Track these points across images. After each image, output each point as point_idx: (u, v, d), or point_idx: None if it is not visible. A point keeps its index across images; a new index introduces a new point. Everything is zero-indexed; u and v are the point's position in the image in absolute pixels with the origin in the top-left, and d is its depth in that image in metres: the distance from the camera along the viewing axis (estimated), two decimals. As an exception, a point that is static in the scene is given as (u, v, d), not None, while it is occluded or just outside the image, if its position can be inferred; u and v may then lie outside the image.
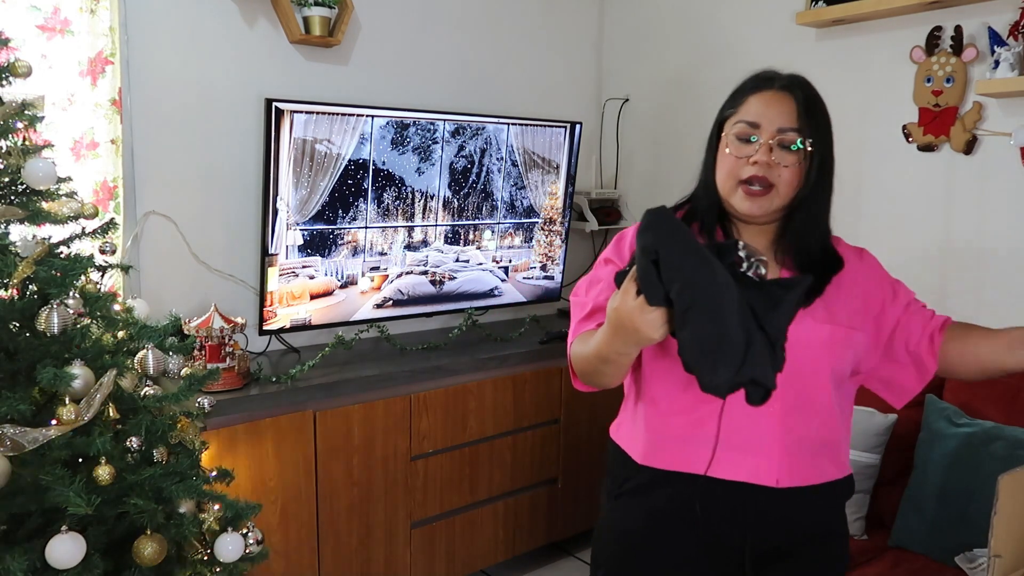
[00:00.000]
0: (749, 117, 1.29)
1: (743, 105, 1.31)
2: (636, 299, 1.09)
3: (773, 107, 1.28)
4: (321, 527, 2.35)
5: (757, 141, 1.28)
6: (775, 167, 1.27)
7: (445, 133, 2.75)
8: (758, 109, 1.29)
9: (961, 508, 2.05)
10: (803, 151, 1.28)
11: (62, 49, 2.12)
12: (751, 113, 1.29)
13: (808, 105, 1.29)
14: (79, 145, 2.18)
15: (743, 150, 1.29)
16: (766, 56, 2.92)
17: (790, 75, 1.33)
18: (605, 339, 1.18)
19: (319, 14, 2.56)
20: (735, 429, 1.30)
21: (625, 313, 1.10)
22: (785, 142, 1.27)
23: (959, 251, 2.47)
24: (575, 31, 3.43)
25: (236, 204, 2.56)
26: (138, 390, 1.67)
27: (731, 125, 1.32)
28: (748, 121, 1.29)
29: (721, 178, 1.33)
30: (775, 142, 1.27)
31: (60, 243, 1.67)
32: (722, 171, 1.32)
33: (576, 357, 1.32)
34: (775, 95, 1.29)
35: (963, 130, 2.40)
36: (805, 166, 1.29)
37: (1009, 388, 2.22)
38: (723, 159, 1.32)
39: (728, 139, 1.31)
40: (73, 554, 1.42)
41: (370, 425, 2.43)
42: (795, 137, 1.27)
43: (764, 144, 1.27)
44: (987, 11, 2.34)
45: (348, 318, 2.67)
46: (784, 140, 1.27)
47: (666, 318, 1.09)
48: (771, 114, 1.28)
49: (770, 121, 1.28)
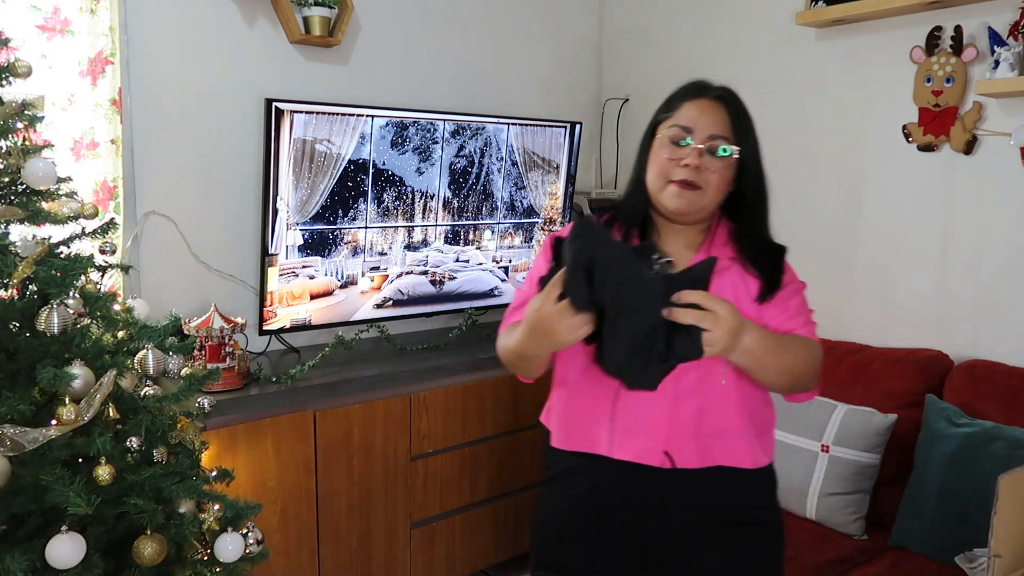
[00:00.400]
0: (683, 122, 1.36)
1: (678, 111, 1.38)
2: (556, 303, 1.16)
3: (706, 114, 1.35)
4: (321, 527, 2.35)
5: (689, 145, 1.34)
6: (704, 171, 1.34)
7: (445, 133, 2.75)
8: (692, 115, 1.36)
9: (961, 508, 2.06)
10: (730, 159, 1.36)
11: (62, 49, 2.12)
12: (685, 118, 1.36)
13: (738, 116, 1.37)
14: (79, 145, 2.18)
15: (676, 153, 1.35)
16: (766, 56, 2.94)
17: (722, 87, 1.41)
18: (523, 338, 1.27)
19: (319, 14, 2.56)
20: (627, 410, 1.36)
21: (544, 316, 1.18)
22: (715, 148, 1.34)
23: (959, 251, 2.47)
24: (575, 31, 3.43)
25: (236, 204, 2.56)
26: (138, 390, 1.67)
27: (665, 128, 1.38)
28: (682, 125, 1.36)
29: (652, 177, 1.39)
30: (705, 147, 1.34)
31: (60, 243, 1.67)
32: (653, 171, 1.38)
33: (500, 348, 1.41)
34: (708, 103, 1.37)
35: (963, 130, 2.40)
36: (730, 174, 1.37)
37: (1009, 388, 2.22)
38: (655, 160, 1.38)
39: (661, 142, 1.38)
40: (73, 554, 1.42)
41: (370, 425, 2.43)
42: (723, 144, 1.35)
43: (696, 148, 1.34)
44: (987, 11, 2.34)
45: (348, 318, 2.67)
46: (714, 146, 1.34)
47: (585, 322, 1.16)
48: (704, 120, 1.35)
49: (703, 127, 1.35)
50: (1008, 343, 2.36)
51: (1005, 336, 2.38)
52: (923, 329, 2.54)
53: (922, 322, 2.55)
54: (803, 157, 2.82)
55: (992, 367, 2.30)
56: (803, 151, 2.82)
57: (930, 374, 2.38)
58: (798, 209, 2.86)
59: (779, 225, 3.10)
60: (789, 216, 2.88)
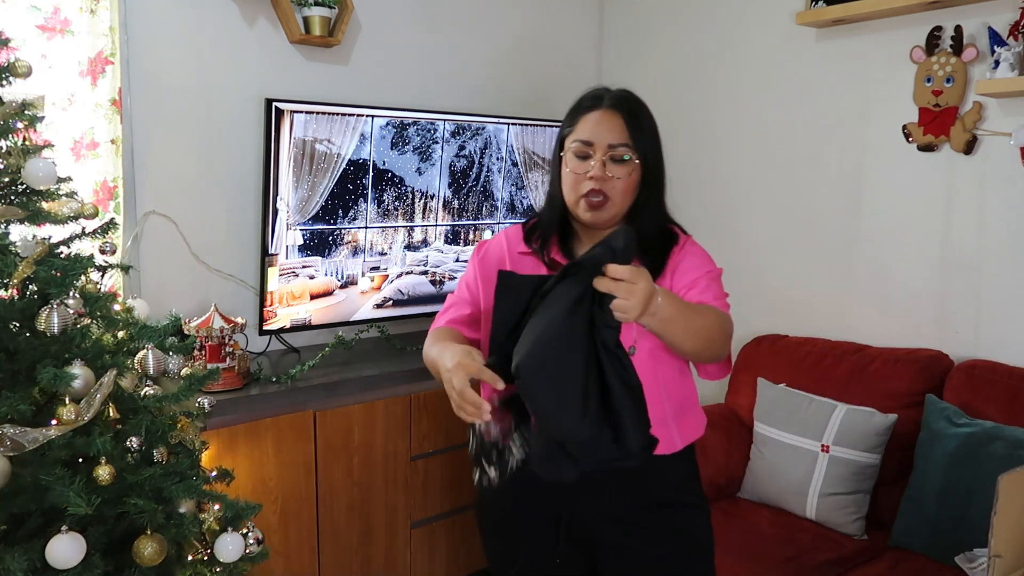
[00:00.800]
0: (583, 136, 1.44)
1: (578, 125, 1.46)
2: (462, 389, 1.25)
3: (603, 125, 1.43)
4: (321, 527, 2.35)
5: (592, 158, 1.42)
6: (609, 180, 1.42)
7: (445, 133, 2.75)
8: (590, 128, 1.44)
9: (961, 508, 2.05)
10: (632, 162, 1.43)
11: (62, 49, 2.12)
12: (584, 132, 1.44)
13: (634, 120, 1.44)
14: (79, 145, 2.18)
15: (581, 167, 1.43)
16: (766, 56, 2.94)
17: (617, 93, 1.47)
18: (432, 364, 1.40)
19: (319, 14, 2.56)
20: None
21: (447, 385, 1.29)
22: (616, 156, 1.42)
23: (959, 251, 2.47)
24: (575, 31, 3.43)
25: (236, 204, 2.56)
26: (138, 390, 1.67)
27: (569, 143, 1.46)
28: (583, 140, 1.43)
29: (566, 192, 1.47)
30: (607, 157, 1.42)
31: (60, 243, 1.67)
32: (566, 187, 1.47)
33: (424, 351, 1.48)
34: (604, 114, 1.43)
35: (963, 130, 2.40)
36: (637, 176, 1.45)
37: (1009, 388, 2.22)
38: (566, 176, 1.46)
39: (567, 157, 1.46)
40: (73, 554, 1.42)
41: (370, 425, 2.43)
42: (624, 152, 1.42)
43: (599, 160, 1.42)
44: (987, 11, 2.34)
45: (348, 318, 2.67)
46: (615, 155, 1.42)
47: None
48: (602, 132, 1.42)
49: (602, 138, 1.42)
50: (1008, 343, 2.36)
51: (1005, 336, 2.38)
52: (923, 329, 2.54)
53: (922, 322, 2.55)
54: (803, 157, 2.83)
55: (992, 367, 2.30)
56: (803, 151, 2.82)
57: (930, 374, 2.38)
58: (798, 209, 2.86)
59: (779, 225, 3.12)
60: (789, 216, 2.89)
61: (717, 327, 1.35)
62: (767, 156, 2.93)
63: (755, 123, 2.94)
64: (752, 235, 2.99)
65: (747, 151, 2.99)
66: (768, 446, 2.48)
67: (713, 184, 3.08)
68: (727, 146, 3.04)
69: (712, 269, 1.49)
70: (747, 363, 2.79)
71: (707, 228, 2.95)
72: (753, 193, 2.98)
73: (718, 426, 2.63)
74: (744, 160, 3.00)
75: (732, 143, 3.02)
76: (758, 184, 2.96)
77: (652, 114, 1.49)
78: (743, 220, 3.01)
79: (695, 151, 3.14)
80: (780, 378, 2.62)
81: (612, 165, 1.42)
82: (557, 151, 1.50)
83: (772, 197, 2.93)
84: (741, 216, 3.01)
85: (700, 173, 3.13)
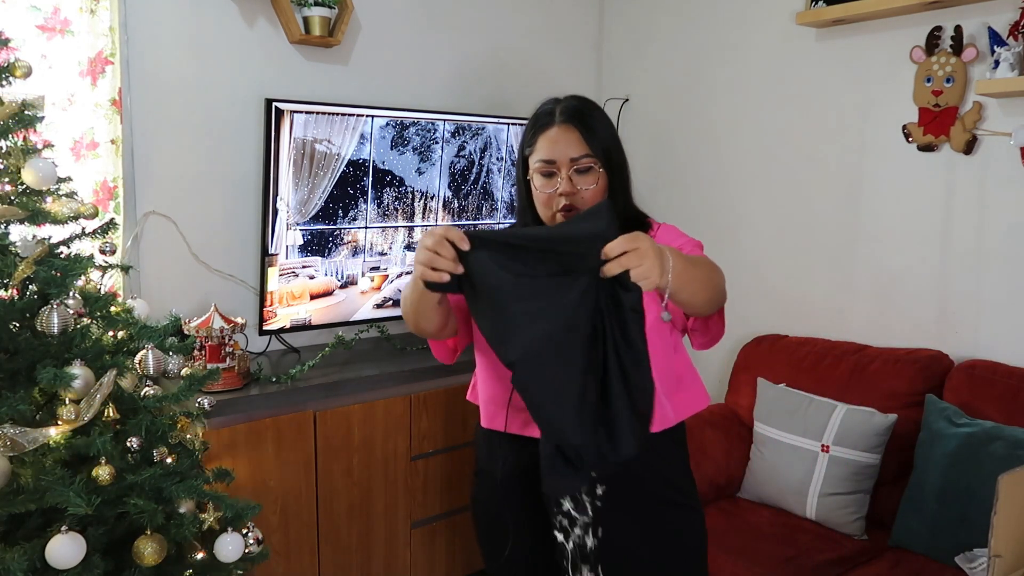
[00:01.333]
0: (544, 156, 1.46)
1: (537, 144, 1.48)
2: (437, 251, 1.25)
3: (560, 143, 1.45)
4: (321, 527, 2.35)
5: (557, 175, 1.45)
6: (578, 192, 1.45)
7: (445, 133, 2.75)
8: (548, 147, 1.46)
9: (961, 508, 2.05)
10: (596, 169, 1.46)
11: (62, 49, 2.12)
12: (544, 151, 1.46)
13: (588, 130, 1.46)
14: (79, 145, 2.18)
15: (549, 184, 1.47)
16: (766, 56, 2.94)
17: (567, 104, 1.48)
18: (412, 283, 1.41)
19: (319, 14, 2.56)
20: None
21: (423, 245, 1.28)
22: (580, 168, 1.45)
23: (959, 251, 2.47)
24: (575, 31, 3.43)
25: (236, 204, 2.56)
26: (138, 390, 1.67)
27: (533, 162, 1.49)
28: (544, 159, 1.46)
29: (541, 211, 1.50)
30: (571, 171, 1.45)
31: (60, 243, 1.67)
32: (540, 205, 1.50)
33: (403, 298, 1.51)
34: (560, 130, 1.46)
35: (963, 130, 2.40)
36: (603, 180, 1.47)
37: (1009, 388, 2.22)
38: (537, 196, 1.49)
39: (535, 178, 1.49)
40: (73, 554, 1.42)
41: (370, 425, 2.43)
42: (587, 162, 1.45)
43: (565, 177, 1.45)
44: (987, 11, 2.34)
45: (348, 318, 2.67)
46: (579, 167, 1.45)
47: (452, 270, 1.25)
48: (560, 149, 1.45)
49: (562, 154, 1.45)
50: (1008, 343, 2.36)
51: (1005, 336, 2.38)
52: (923, 329, 2.54)
53: (922, 322, 2.55)
54: (803, 157, 2.82)
55: (992, 367, 2.30)
56: (803, 151, 2.82)
57: (930, 374, 2.38)
58: (798, 209, 2.86)
59: (779, 225, 3.12)
60: (789, 216, 2.89)
61: (716, 272, 1.39)
62: (767, 156, 2.93)
63: (755, 123, 2.94)
64: (752, 235, 2.99)
65: (747, 151, 2.99)
66: (768, 446, 2.48)
67: (713, 184, 3.08)
68: (727, 146, 3.04)
69: (690, 240, 1.52)
70: (747, 363, 2.79)
71: (707, 228, 2.96)
72: (753, 193, 2.98)
73: (718, 426, 2.63)
74: (744, 160, 3.00)
75: (732, 143, 3.02)
76: (758, 184, 2.96)
77: (605, 113, 1.52)
78: (743, 220, 3.01)
79: (695, 151, 3.14)
80: (780, 378, 2.62)
81: (578, 177, 1.45)
82: (521, 169, 1.53)
83: (772, 197, 2.93)
84: (741, 216, 3.01)
85: (700, 173, 3.13)
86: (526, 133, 1.52)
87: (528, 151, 1.50)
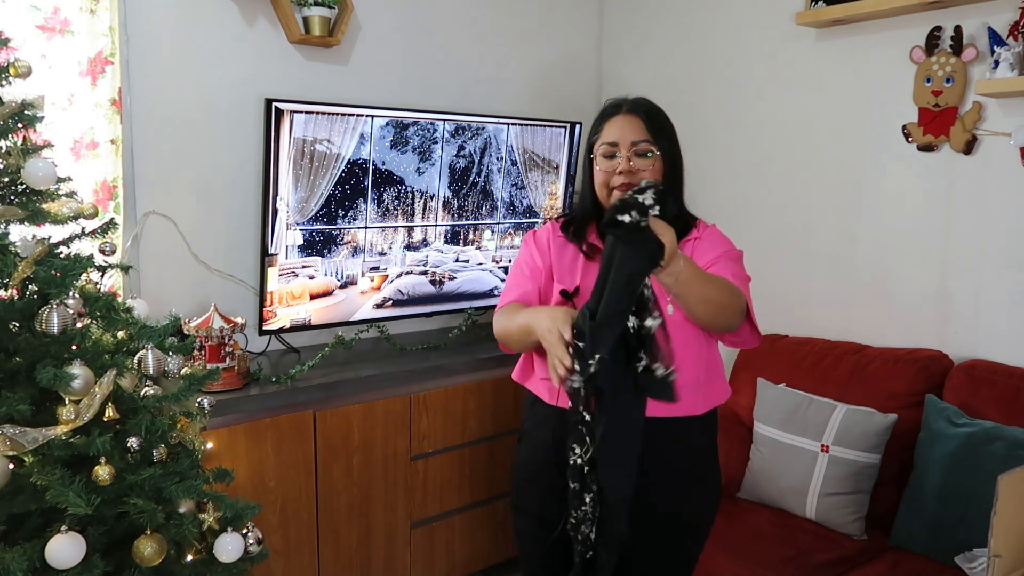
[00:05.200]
0: (609, 139, 1.63)
1: (603, 130, 1.65)
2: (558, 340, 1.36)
3: (625, 128, 1.62)
4: (321, 527, 2.35)
5: (619, 156, 1.61)
6: (636, 173, 1.61)
7: (445, 133, 2.75)
8: (614, 131, 1.63)
9: (961, 508, 2.06)
10: (655, 156, 1.62)
11: (62, 49, 2.12)
12: (610, 135, 1.63)
13: (652, 119, 1.63)
14: (79, 145, 2.18)
15: (610, 165, 1.63)
16: (766, 56, 2.94)
17: (636, 99, 1.66)
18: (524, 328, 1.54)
19: (319, 14, 2.56)
20: None
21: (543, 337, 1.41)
22: (640, 151, 1.61)
23: (959, 251, 2.47)
24: (575, 31, 3.43)
25: (236, 204, 2.56)
26: (138, 390, 1.67)
27: (598, 147, 1.65)
28: (609, 142, 1.63)
29: (598, 188, 1.66)
30: (631, 153, 1.61)
31: (60, 243, 1.67)
32: (599, 184, 1.65)
33: (497, 326, 1.68)
34: (625, 118, 1.63)
35: (963, 130, 2.40)
36: (659, 167, 1.63)
37: (1009, 388, 2.22)
38: (597, 175, 1.65)
39: (598, 159, 1.65)
40: (73, 554, 1.42)
41: (370, 425, 2.43)
42: (646, 147, 1.61)
43: (624, 157, 1.61)
44: (987, 11, 2.34)
45: (348, 318, 2.67)
46: (639, 150, 1.61)
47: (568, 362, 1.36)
48: (624, 133, 1.62)
49: (625, 138, 1.61)
50: (1008, 343, 2.36)
51: (1005, 336, 2.38)
52: (923, 329, 2.54)
53: (922, 322, 2.55)
54: (803, 157, 2.83)
55: (992, 367, 2.30)
56: (803, 151, 2.82)
57: (930, 374, 2.38)
58: (798, 209, 2.86)
59: (779, 225, 3.12)
60: (789, 216, 2.89)
61: (728, 296, 1.48)
62: (767, 156, 2.93)
63: (755, 123, 2.94)
64: (752, 235, 2.98)
65: (747, 151, 2.99)
66: (768, 446, 2.48)
67: (713, 184, 3.08)
68: (727, 146, 3.04)
69: (731, 250, 1.66)
70: (747, 363, 2.79)
71: (707, 228, 2.96)
72: (753, 193, 2.98)
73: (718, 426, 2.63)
74: (744, 160, 3.00)
75: (732, 143, 3.02)
76: (758, 184, 2.96)
77: (669, 117, 1.67)
78: (743, 220, 3.00)
79: (694, 151, 3.11)
80: (780, 378, 2.62)
81: (636, 159, 1.60)
82: (587, 156, 1.68)
83: (772, 197, 2.93)
84: (741, 216, 3.01)
85: (699, 173, 3.11)
86: (595, 123, 1.68)
87: (594, 138, 1.67)
